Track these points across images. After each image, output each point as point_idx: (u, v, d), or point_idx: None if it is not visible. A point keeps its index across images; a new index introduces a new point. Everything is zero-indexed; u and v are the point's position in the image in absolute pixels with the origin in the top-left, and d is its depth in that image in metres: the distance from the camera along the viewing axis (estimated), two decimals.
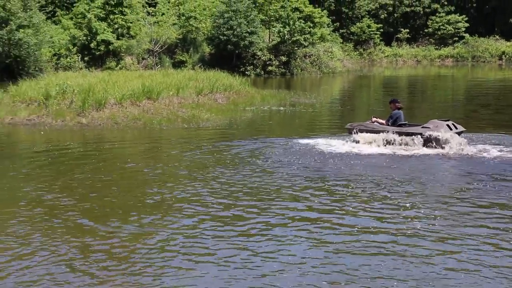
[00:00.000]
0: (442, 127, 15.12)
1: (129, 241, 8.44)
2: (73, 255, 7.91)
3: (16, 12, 38.75)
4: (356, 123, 16.58)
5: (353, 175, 12.31)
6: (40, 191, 11.31)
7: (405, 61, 71.98)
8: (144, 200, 10.67)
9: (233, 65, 46.34)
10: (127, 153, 15.68)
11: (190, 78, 28.14)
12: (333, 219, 9.26)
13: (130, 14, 47.11)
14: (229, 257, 7.75)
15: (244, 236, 8.60)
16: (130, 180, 12.34)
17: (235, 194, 10.88)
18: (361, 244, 8.14)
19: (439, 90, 37.97)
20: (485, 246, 8.04)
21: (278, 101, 27.97)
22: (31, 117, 21.43)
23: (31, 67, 39.99)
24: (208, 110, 23.06)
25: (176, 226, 9.09)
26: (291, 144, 15.95)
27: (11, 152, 16.16)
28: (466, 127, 16.18)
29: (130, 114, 21.32)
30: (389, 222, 9.09)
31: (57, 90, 22.50)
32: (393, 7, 79.01)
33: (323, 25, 55.97)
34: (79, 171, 13.07)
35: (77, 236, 8.68)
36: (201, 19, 49.83)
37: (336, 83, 43.80)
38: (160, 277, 7.20)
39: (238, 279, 7.11)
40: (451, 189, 11.13)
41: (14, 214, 9.77)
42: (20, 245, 8.27)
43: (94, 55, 45.30)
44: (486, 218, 9.24)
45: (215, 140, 17.03)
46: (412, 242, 8.19)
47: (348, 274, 7.15)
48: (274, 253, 7.91)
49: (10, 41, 38.54)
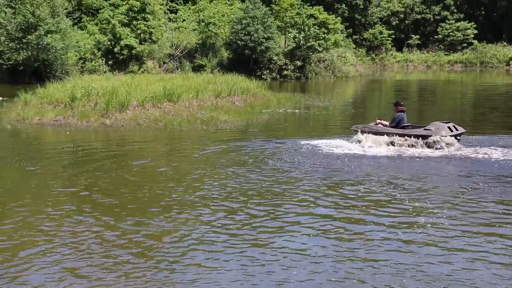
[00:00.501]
0: (443, 129, 15.31)
1: (149, 237, 8.55)
2: (95, 250, 8.03)
3: (44, 18, 39.82)
4: (361, 125, 16.78)
5: (363, 175, 12.37)
6: (66, 189, 11.48)
7: (415, 66, 72.25)
8: (164, 198, 10.72)
9: (250, 69, 47.02)
10: (149, 153, 15.61)
11: (209, 81, 28.42)
12: (346, 217, 9.34)
13: (152, 20, 48.06)
14: (244, 254, 7.83)
15: (262, 233, 8.66)
16: (151, 179, 12.37)
17: (250, 192, 10.99)
18: (375, 243, 8.21)
19: (449, 94, 37.78)
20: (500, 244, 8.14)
21: (293, 104, 27.96)
22: (57, 118, 21.60)
23: (58, 70, 41.08)
24: (226, 112, 23.15)
25: (195, 223, 9.14)
26: (305, 145, 15.98)
27: (39, 151, 16.15)
28: (475, 129, 16.21)
29: (152, 116, 21.44)
30: (401, 222, 9.13)
31: (82, 92, 22.86)
32: (404, 14, 79.67)
33: (337, 31, 55.94)
34: (103, 170, 13.18)
35: (99, 232, 8.80)
36: (220, 25, 50.53)
37: (349, 87, 43.94)
38: (180, 272, 7.31)
39: (255, 275, 7.18)
40: (459, 189, 11.13)
41: (41, 211, 9.89)
42: (45, 241, 8.41)
43: (118, 59, 46.30)
44: (499, 217, 9.32)
45: (232, 141, 17.01)
46: (427, 239, 8.28)
47: (362, 272, 7.22)
48: (288, 249, 8.00)
49: (38, 45, 39.65)
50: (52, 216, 9.64)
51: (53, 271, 7.38)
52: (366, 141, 15.86)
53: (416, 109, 27.44)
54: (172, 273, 7.34)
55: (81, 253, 7.98)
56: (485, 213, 9.57)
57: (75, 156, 15.16)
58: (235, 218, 9.47)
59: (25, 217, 9.58)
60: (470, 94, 37.79)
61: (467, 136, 16.55)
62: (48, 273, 7.33)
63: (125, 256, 7.86)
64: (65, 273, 7.34)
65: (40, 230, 8.95)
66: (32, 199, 10.75)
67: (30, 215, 9.69)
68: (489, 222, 9.12)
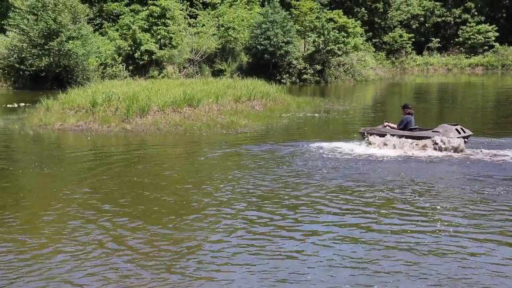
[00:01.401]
0: (451, 131, 15.57)
1: (168, 240, 8.65)
2: (113, 254, 8.15)
3: (66, 25, 40.37)
4: (369, 127, 17.23)
5: (382, 178, 12.50)
6: (88, 194, 11.56)
7: (436, 70, 71.89)
8: (182, 202, 10.84)
9: (270, 73, 46.94)
10: (168, 157, 15.83)
11: (228, 86, 28.55)
12: (366, 224, 9.32)
13: (172, 25, 48.28)
14: (258, 258, 7.90)
15: (278, 237, 8.74)
16: (170, 183, 12.51)
17: (267, 195, 11.17)
18: (391, 244, 8.31)
19: (470, 97, 37.69)
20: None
21: (312, 108, 28.04)
22: (79, 123, 21.75)
23: (79, 76, 41.56)
24: (246, 116, 23.20)
25: (212, 227, 9.27)
26: (324, 147, 16.21)
27: (61, 156, 16.26)
28: (496, 132, 16.20)
29: (172, 121, 21.53)
30: (415, 224, 9.24)
31: (103, 97, 23.00)
32: (425, 18, 79.38)
33: (357, 35, 55.65)
34: (123, 174, 13.35)
35: (118, 235, 8.93)
36: (239, 30, 50.66)
37: (368, 91, 43.81)
38: (193, 276, 7.40)
39: (266, 279, 7.26)
40: (473, 191, 11.21)
41: (63, 214, 10.05)
42: (65, 244, 8.54)
43: (138, 64, 46.59)
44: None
45: (251, 145, 17.17)
46: (445, 242, 8.34)
47: (379, 276, 7.27)
48: (304, 253, 8.07)
49: (60, 52, 40.28)
50: (77, 220, 9.79)
51: (78, 275, 7.49)
52: (373, 143, 16.12)
53: (437, 112, 27.44)
54: (185, 276, 7.44)
55: (102, 257, 8.12)
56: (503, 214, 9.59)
57: (96, 161, 15.31)
58: (252, 221, 9.56)
59: (52, 221, 9.73)
60: (492, 97, 37.55)
61: (489, 138, 16.49)
62: (80, 276, 7.47)
63: (141, 261, 7.95)
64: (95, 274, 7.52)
65: (67, 234, 9.08)
66: (56, 203, 10.88)
67: (58, 218, 9.86)
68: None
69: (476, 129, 18.07)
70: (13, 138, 20.55)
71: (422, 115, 23.87)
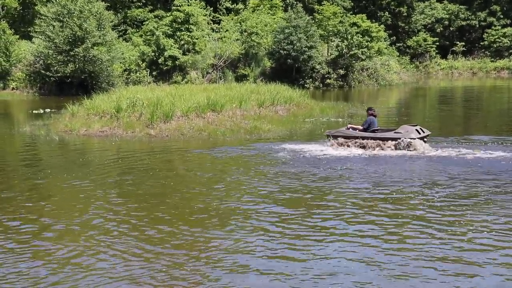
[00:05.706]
0: (412, 131, 16.36)
1: (192, 245, 8.70)
2: (134, 257, 8.24)
3: (91, 31, 40.81)
4: (334, 130, 18.13)
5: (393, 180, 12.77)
6: (113, 199, 11.69)
7: (460, 73, 71.44)
8: (205, 206, 10.87)
9: (293, 78, 47.05)
10: (192, 162, 15.87)
11: (252, 91, 28.75)
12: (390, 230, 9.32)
13: (196, 31, 48.65)
14: (275, 261, 7.96)
15: (297, 239, 8.83)
16: (194, 187, 12.60)
17: (290, 198, 11.29)
18: (401, 246, 8.43)
19: (495, 100, 37.54)
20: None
21: (336, 112, 27.97)
22: (103, 128, 21.90)
23: (104, 82, 42.06)
24: (269, 121, 23.18)
25: (232, 230, 9.34)
26: (342, 151, 16.52)
27: (86, 161, 16.27)
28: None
29: (196, 126, 21.56)
30: (426, 225, 9.35)
31: (127, 103, 23.19)
32: (449, 21, 78.68)
33: (380, 39, 55.35)
34: (146, 178, 13.48)
35: (140, 238, 9.05)
36: (263, 35, 50.66)
37: (392, 95, 43.66)
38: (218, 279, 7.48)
39: (286, 281, 7.36)
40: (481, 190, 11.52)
41: (88, 219, 10.18)
42: (85, 248, 8.67)
43: (162, 70, 47.01)
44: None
45: (274, 150, 17.01)
46: (461, 246, 8.37)
47: (392, 278, 7.36)
48: (326, 256, 8.15)
49: (85, 58, 40.74)
50: (104, 225, 9.88)
51: (105, 281, 7.52)
52: (336, 144, 17.08)
53: (462, 116, 27.24)
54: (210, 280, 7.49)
55: (126, 262, 8.16)
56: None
57: (121, 166, 15.43)
58: (273, 224, 9.64)
59: (81, 227, 9.82)
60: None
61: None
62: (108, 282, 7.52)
63: (164, 267, 7.98)
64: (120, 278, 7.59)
65: (95, 239, 9.15)
66: (84, 207, 11.01)
67: (86, 223, 9.96)
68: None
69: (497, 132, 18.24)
70: (39, 143, 20.76)
71: (448, 118, 23.90)
